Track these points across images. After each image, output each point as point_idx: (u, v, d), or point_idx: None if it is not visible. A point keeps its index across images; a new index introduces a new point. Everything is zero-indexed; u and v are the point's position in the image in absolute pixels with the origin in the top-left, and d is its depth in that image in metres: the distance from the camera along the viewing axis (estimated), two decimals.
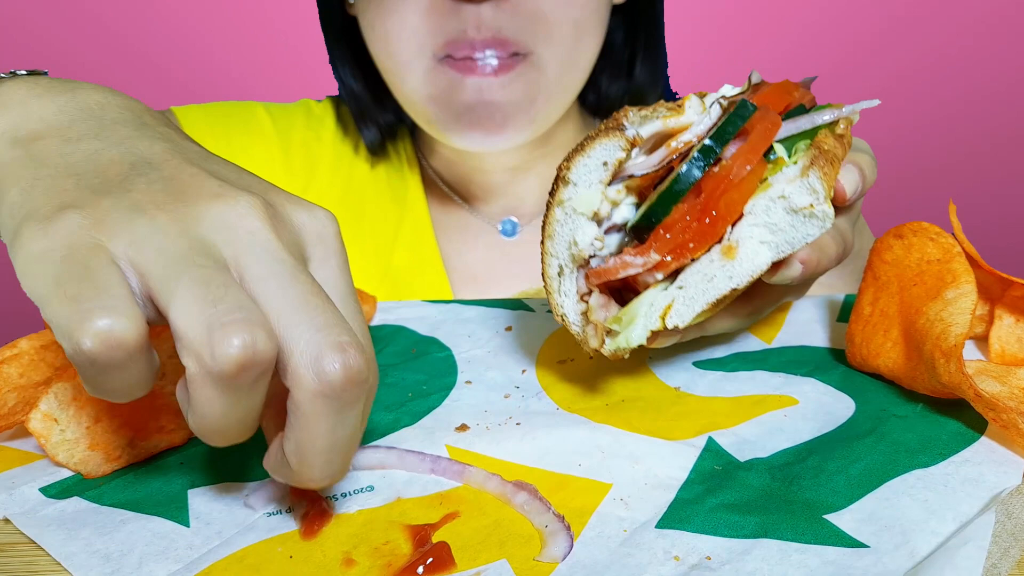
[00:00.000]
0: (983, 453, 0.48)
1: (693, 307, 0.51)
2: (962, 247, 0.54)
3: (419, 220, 1.09)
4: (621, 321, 0.53)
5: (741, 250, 0.50)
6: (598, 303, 0.54)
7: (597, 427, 0.55)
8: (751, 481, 0.48)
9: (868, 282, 0.60)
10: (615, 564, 0.42)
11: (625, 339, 0.52)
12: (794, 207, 0.49)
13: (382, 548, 0.45)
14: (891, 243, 0.58)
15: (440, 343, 0.70)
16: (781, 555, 0.42)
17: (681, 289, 0.52)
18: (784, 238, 0.50)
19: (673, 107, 0.56)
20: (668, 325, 0.52)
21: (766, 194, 0.50)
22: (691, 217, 0.51)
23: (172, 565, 0.44)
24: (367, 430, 0.57)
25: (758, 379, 0.60)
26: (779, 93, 0.57)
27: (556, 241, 0.55)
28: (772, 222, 0.50)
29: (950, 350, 0.49)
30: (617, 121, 0.55)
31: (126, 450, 0.53)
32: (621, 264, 0.52)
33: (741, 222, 0.51)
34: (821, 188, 0.49)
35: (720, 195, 0.50)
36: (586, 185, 0.54)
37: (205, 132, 1.01)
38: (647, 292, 0.53)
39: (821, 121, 0.54)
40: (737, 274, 0.51)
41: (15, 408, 0.53)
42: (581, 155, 0.54)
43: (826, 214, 0.49)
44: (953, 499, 0.44)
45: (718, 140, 0.51)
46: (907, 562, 0.40)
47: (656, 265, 0.51)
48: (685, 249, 0.51)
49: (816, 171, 0.49)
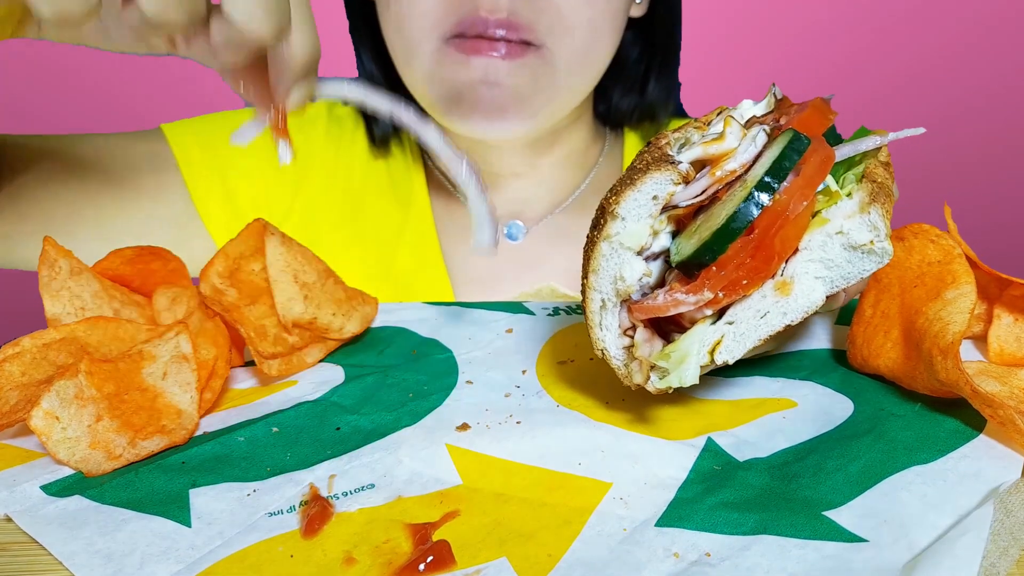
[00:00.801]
0: (981, 449, 0.48)
1: (744, 343, 0.50)
2: (960, 248, 0.55)
3: (423, 221, 1.09)
4: (669, 358, 0.50)
5: (796, 286, 0.49)
6: (643, 338, 0.52)
7: (597, 426, 0.55)
8: (750, 480, 0.48)
9: (869, 285, 0.60)
10: (615, 561, 0.42)
11: (678, 378, 0.50)
12: (853, 243, 0.48)
13: (383, 547, 0.45)
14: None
15: (441, 344, 0.70)
16: (780, 551, 0.42)
17: (731, 325, 0.50)
18: (839, 273, 0.49)
19: (701, 126, 0.54)
20: (717, 361, 0.50)
21: (823, 229, 0.49)
22: (746, 254, 0.48)
23: (174, 566, 0.44)
24: (367, 430, 0.57)
25: (757, 383, 0.61)
26: (817, 117, 0.54)
27: (601, 276, 0.52)
28: (828, 258, 0.49)
29: (947, 347, 0.49)
30: (662, 152, 0.52)
31: (127, 449, 0.53)
32: (672, 302, 0.50)
33: (796, 257, 0.50)
34: (882, 225, 0.48)
35: (776, 232, 0.48)
36: (635, 220, 0.51)
37: (193, 146, 1.01)
38: (695, 328, 0.50)
39: (864, 148, 0.52)
40: (792, 310, 0.50)
41: (17, 406, 0.53)
42: (632, 189, 0.50)
43: (885, 250, 0.48)
44: (952, 493, 0.44)
45: (776, 176, 0.49)
46: (906, 554, 0.40)
47: (708, 303, 0.49)
48: (739, 286, 0.49)
49: (878, 208, 0.48)
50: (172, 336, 0.58)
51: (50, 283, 0.60)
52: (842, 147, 0.53)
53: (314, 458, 0.54)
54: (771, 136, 0.52)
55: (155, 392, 0.56)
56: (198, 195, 1.00)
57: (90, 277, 0.62)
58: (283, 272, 0.65)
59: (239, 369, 0.68)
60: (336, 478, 0.52)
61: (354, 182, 1.09)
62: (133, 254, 0.65)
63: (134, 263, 0.66)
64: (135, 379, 0.56)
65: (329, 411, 0.60)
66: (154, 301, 0.65)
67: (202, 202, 1.00)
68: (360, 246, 1.06)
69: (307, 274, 0.67)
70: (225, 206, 1.01)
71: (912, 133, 0.55)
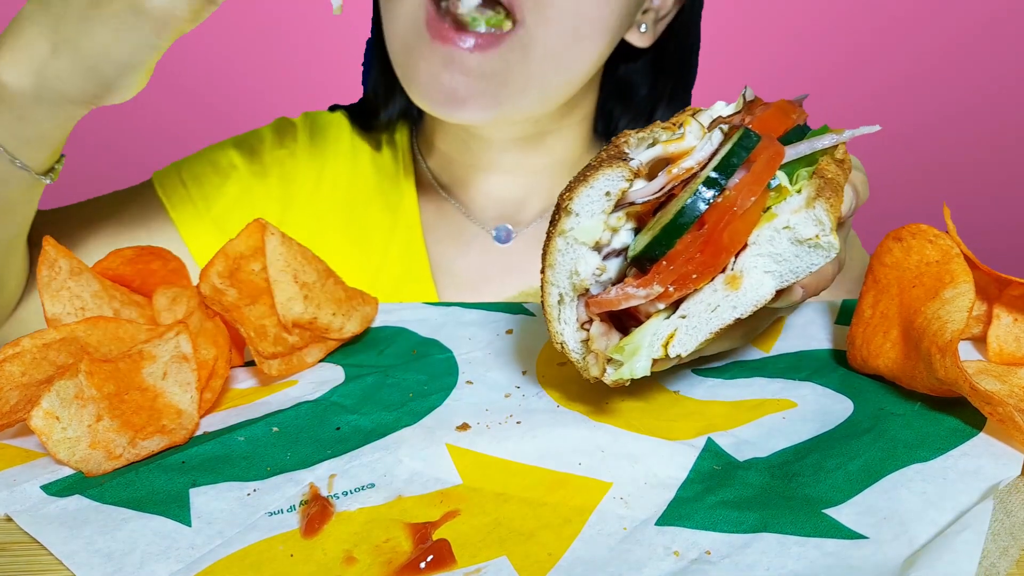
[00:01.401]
0: (981, 447, 0.48)
1: (697, 336, 0.51)
2: (959, 248, 0.55)
3: (410, 229, 1.09)
4: (623, 351, 0.52)
5: (746, 280, 0.50)
6: (599, 332, 0.54)
7: (597, 426, 0.55)
8: (750, 479, 0.48)
9: (868, 285, 0.60)
10: (615, 560, 0.42)
11: (629, 370, 0.51)
12: (799, 238, 0.49)
13: (383, 546, 0.45)
14: (890, 246, 0.59)
15: (441, 345, 0.70)
16: (781, 548, 0.42)
17: (684, 319, 0.51)
18: (788, 268, 0.50)
19: (670, 127, 0.55)
20: (671, 354, 0.51)
21: (771, 224, 0.50)
22: (695, 249, 0.50)
23: (174, 565, 0.44)
24: (367, 430, 0.57)
25: (756, 385, 0.61)
26: (778, 116, 0.56)
27: (557, 270, 0.54)
28: (777, 252, 0.50)
29: (946, 345, 0.49)
30: (619, 149, 0.54)
31: (127, 449, 0.53)
32: (623, 296, 0.51)
33: (745, 252, 0.50)
34: (827, 220, 0.48)
35: (724, 227, 0.49)
36: (588, 215, 0.53)
37: (178, 186, 1.03)
38: (650, 322, 0.52)
39: (821, 146, 0.53)
40: (741, 304, 0.50)
41: (17, 406, 0.53)
42: (584, 185, 0.52)
43: (831, 244, 0.49)
44: (952, 491, 0.45)
45: (723, 172, 0.50)
46: (906, 550, 0.40)
47: (659, 296, 0.51)
48: (688, 280, 0.50)
49: (823, 202, 0.49)
50: (172, 336, 0.58)
51: (50, 283, 0.60)
52: (797, 145, 0.54)
53: (314, 458, 0.54)
54: (727, 135, 0.54)
55: (155, 392, 0.56)
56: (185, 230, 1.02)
57: (90, 277, 0.62)
58: (283, 272, 0.65)
59: (239, 369, 0.68)
60: (336, 478, 0.52)
61: (339, 191, 1.09)
62: (133, 254, 0.65)
63: (134, 263, 0.66)
64: (135, 379, 0.56)
65: (329, 411, 0.60)
66: (154, 301, 0.65)
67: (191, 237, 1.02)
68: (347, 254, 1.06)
69: (307, 274, 0.67)
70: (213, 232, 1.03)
71: (868, 131, 0.56)
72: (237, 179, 1.05)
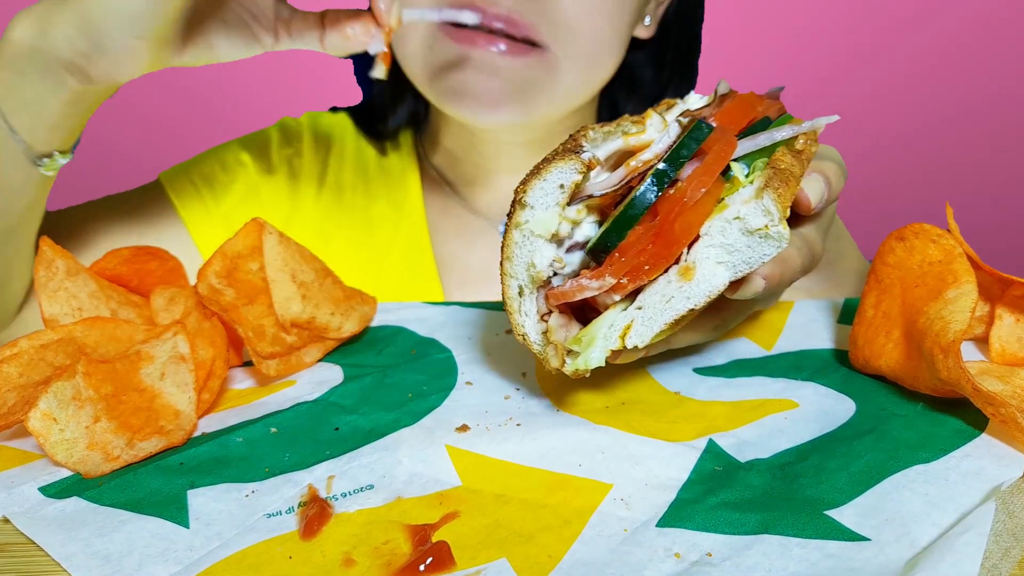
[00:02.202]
0: (983, 448, 0.48)
1: (652, 327, 0.51)
2: (961, 248, 0.54)
3: (415, 225, 1.09)
4: (580, 342, 0.52)
5: (698, 271, 0.50)
6: (558, 323, 0.55)
7: (597, 428, 0.55)
8: (752, 481, 0.48)
9: (871, 285, 0.60)
10: (615, 562, 0.42)
11: (584, 360, 0.52)
12: (749, 228, 0.49)
13: (382, 548, 0.45)
14: (893, 246, 0.58)
15: (440, 344, 0.70)
16: (782, 550, 0.42)
17: (640, 310, 0.51)
18: (741, 258, 0.50)
19: (639, 120, 0.56)
20: (628, 345, 0.51)
21: (722, 215, 0.50)
22: (646, 240, 0.50)
23: (172, 567, 0.44)
24: (366, 430, 0.57)
25: (758, 384, 0.60)
26: (742, 108, 0.56)
27: (515, 263, 0.55)
28: (728, 243, 0.50)
29: (948, 346, 0.49)
30: (575, 142, 0.54)
31: (125, 450, 0.53)
32: (578, 287, 0.52)
33: (698, 243, 0.50)
34: (775, 210, 0.49)
35: (675, 217, 0.50)
36: (543, 208, 0.54)
37: (187, 184, 1.03)
38: (607, 314, 0.52)
39: (780, 137, 0.53)
40: (695, 295, 0.50)
41: (15, 407, 0.53)
42: (537, 179, 0.53)
43: (781, 235, 0.49)
44: (954, 492, 0.44)
45: (672, 163, 0.51)
46: (908, 552, 0.40)
47: (612, 287, 0.51)
48: (641, 271, 0.50)
49: (770, 193, 0.49)
50: (170, 336, 0.58)
51: (47, 284, 0.60)
52: (756, 136, 0.54)
53: (313, 459, 0.54)
54: (684, 128, 0.54)
55: (153, 393, 0.56)
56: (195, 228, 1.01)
57: (87, 278, 0.62)
58: (281, 271, 0.65)
59: (237, 369, 0.68)
60: (335, 479, 0.51)
61: (345, 188, 1.09)
62: (130, 254, 0.65)
63: (131, 263, 0.65)
64: (133, 380, 0.56)
65: (328, 411, 0.60)
66: (152, 301, 0.65)
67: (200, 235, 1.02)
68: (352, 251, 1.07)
69: (305, 273, 0.67)
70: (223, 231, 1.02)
71: (826, 121, 0.56)
72: (245, 177, 1.05)
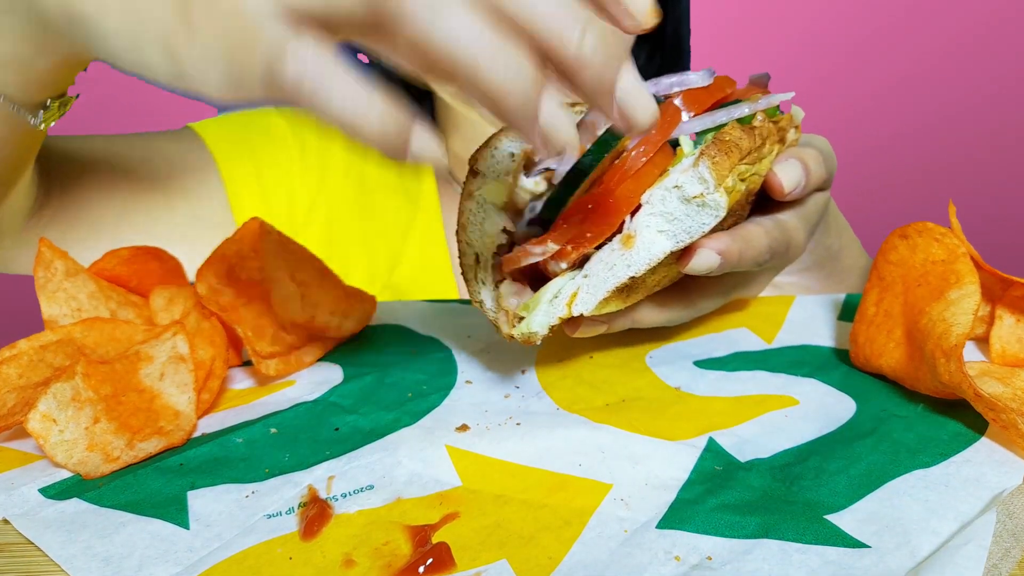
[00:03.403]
0: (984, 453, 0.48)
1: (596, 294, 0.52)
2: (964, 247, 0.54)
3: (430, 218, 1.09)
4: (529, 308, 0.54)
5: (639, 239, 0.51)
6: (509, 291, 0.56)
7: (597, 427, 0.55)
8: (752, 482, 0.48)
9: (873, 283, 0.60)
10: (615, 564, 0.42)
11: (527, 325, 0.54)
12: (687, 196, 0.50)
13: (382, 549, 0.45)
14: (896, 243, 0.58)
15: (440, 343, 0.70)
16: (782, 555, 0.41)
17: (586, 278, 0.53)
18: (681, 227, 0.51)
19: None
20: (574, 312, 0.53)
21: (662, 183, 0.51)
22: (590, 206, 0.52)
23: (172, 568, 0.44)
24: (366, 430, 0.57)
25: (759, 379, 0.60)
26: (709, 89, 0.58)
27: (469, 231, 0.57)
28: (668, 211, 0.51)
29: (951, 350, 0.49)
30: None
31: (124, 451, 0.53)
32: (523, 252, 0.53)
33: (640, 211, 0.52)
34: (711, 177, 0.49)
35: (615, 185, 0.51)
36: (494, 176, 0.55)
37: (225, 142, 1.00)
38: (553, 281, 0.54)
39: (738, 115, 0.54)
40: (635, 262, 0.51)
41: (14, 409, 0.53)
42: (488, 148, 0.55)
43: (717, 203, 0.50)
44: (954, 499, 0.44)
45: (614, 133, 0.52)
46: (908, 561, 0.40)
47: (556, 254, 0.52)
48: (583, 238, 0.52)
49: (707, 160, 0.50)
50: (169, 337, 0.57)
51: (46, 284, 0.60)
52: (714, 112, 0.55)
53: (313, 459, 0.54)
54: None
55: (152, 393, 0.56)
56: (234, 191, 0.99)
57: (86, 278, 0.62)
58: (280, 271, 0.65)
59: (237, 369, 0.68)
60: (335, 479, 0.51)
61: (366, 182, 1.09)
62: (130, 254, 0.65)
63: (131, 263, 0.65)
64: (132, 380, 0.55)
65: (328, 411, 0.60)
66: (151, 301, 0.65)
67: (237, 198, 0.99)
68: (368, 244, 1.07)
69: (304, 272, 0.67)
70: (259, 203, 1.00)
71: (783, 98, 0.57)
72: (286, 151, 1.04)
